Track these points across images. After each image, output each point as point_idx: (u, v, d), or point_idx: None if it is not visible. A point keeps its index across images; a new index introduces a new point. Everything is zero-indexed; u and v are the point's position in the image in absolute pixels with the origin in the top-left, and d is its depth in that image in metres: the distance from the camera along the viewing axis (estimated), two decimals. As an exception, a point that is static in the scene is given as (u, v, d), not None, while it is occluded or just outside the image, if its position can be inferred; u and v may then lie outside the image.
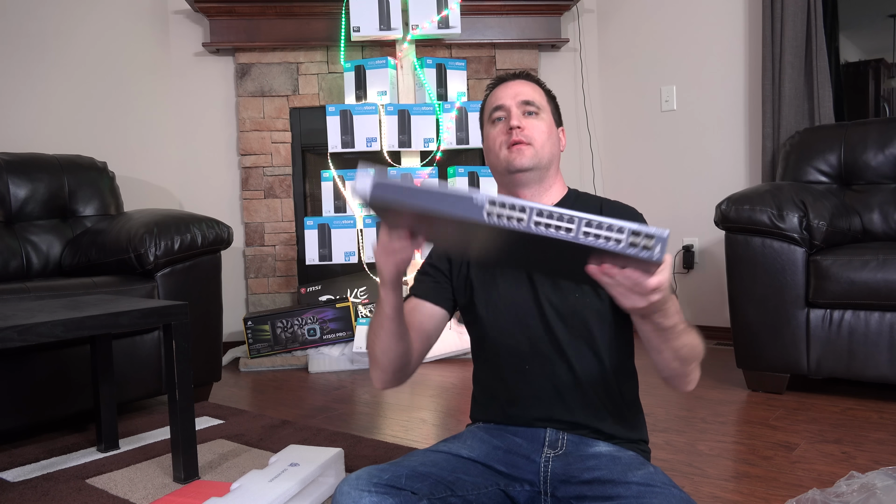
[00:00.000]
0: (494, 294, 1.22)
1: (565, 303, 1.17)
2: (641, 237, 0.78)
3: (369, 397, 2.47)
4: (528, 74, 1.29)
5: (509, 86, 1.26)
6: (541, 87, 1.28)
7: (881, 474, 1.35)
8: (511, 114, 1.22)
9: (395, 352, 1.15)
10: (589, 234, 0.79)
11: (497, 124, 1.24)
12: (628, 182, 3.57)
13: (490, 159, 1.26)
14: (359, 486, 1.00)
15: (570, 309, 1.17)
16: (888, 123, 2.55)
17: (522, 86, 1.25)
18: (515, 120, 1.21)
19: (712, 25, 3.22)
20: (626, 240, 0.78)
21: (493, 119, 1.25)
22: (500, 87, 1.27)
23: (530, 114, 1.23)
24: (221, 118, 3.40)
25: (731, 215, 2.27)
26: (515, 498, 1.14)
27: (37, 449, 1.95)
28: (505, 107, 1.23)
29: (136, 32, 3.22)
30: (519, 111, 1.22)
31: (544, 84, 1.31)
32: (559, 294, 1.18)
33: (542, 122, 1.23)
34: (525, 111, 1.22)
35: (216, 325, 2.43)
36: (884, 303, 2.07)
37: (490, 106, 1.27)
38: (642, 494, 1.02)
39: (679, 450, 1.80)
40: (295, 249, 3.38)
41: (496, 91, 1.27)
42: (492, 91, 1.29)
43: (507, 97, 1.24)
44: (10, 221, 2.45)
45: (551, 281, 1.19)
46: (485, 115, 1.29)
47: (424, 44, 3.34)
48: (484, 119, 1.30)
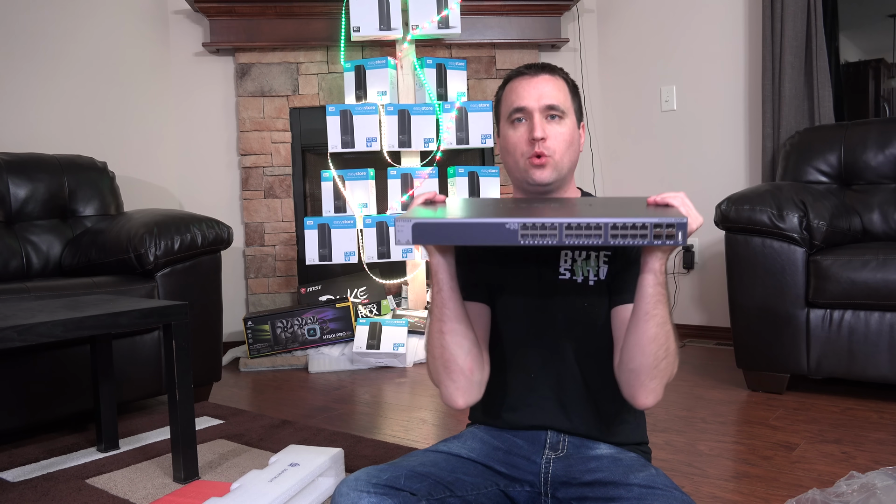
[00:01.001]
0: (504, 302, 1.20)
1: (575, 313, 1.16)
2: (664, 228, 0.88)
3: (369, 397, 2.47)
4: (551, 67, 1.20)
5: (533, 83, 1.16)
6: (565, 81, 1.20)
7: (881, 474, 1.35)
8: (534, 121, 1.14)
9: (467, 343, 1.10)
10: (616, 237, 0.88)
11: (517, 127, 1.17)
12: (628, 182, 3.57)
13: (507, 161, 1.20)
14: (357, 487, 1.00)
15: (579, 319, 1.16)
16: (888, 123, 2.55)
17: (546, 84, 1.17)
18: (539, 130, 1.13)
19: (712, 25, 3.22)
20: (651, 234, 0.88)
21: (512, 120, 1.18)
22: (523, 83, 1.17)
23: (553, 117, 1.16)
24: (221, 118, 3.40)
25: (731, 215, 2.27)
26: (515, 498, 1.13)
27: (37, 449, 1.95)
28: (527, 110, 1.15)
29: (136, 32, 3.22)
30: (542, 115, 1.15)
31: (567, 76, 1.22)
32: (570, 305, 1.16)
33: (565, 127, 1.16)
34: (548, 115, 1.16)
35: (216, 325, 2.43)
36: (884, 303, 2.07)
37: (510, 104, 1.18)
38: (644, 496, 1.02)
39: (679, 450, 1.80)
40: (295, 249, 3.38)
41: (517, 86, 1.18)
42: (511, 84, 1.19)
43: (530, 98, 1.15)
44: (10, 221, 2.45)
45: (561, 292, 1.16)
46: (502, 111, 1.21)
47: (424, 44, 3.34)
48: (501, 115, 1.21)
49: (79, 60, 2.97)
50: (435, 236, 0.94)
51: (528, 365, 1.18)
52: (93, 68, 3.03)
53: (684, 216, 0.88)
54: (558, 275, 1.17)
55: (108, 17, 3.10)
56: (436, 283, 1.09)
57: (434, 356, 1.12)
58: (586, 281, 1.16)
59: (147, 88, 3.27)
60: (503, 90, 1.22)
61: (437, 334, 1.10)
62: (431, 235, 0.93)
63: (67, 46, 2.93)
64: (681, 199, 1.00)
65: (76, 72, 2.96)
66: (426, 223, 0.93)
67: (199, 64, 3.38)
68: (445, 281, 1.08)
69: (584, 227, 0.88)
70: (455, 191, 3.13)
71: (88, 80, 3.01)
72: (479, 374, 1.12)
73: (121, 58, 3.15)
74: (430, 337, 1.12)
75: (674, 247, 0.91)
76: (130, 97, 3.19)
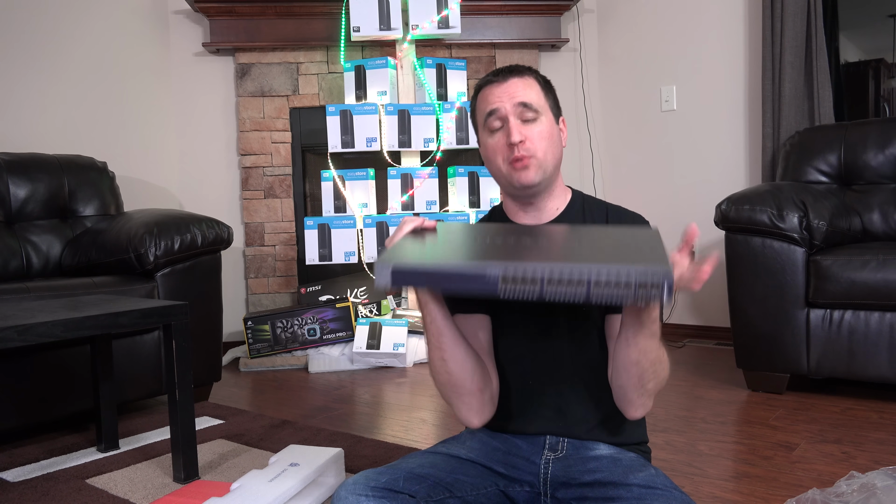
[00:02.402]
0: (503, 309, 1.18)
1: (574, 318, 1.15)
2: (648, 288, 0.83)
3: (369, 397, 2.47)
4: (519, 69, 1.18)
5: (502, 86, 1.15)
6: (535, 79, 1.18)
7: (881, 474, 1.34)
8: (510, 125, 1.12)
9: (470, 365, 1.09)
10: (600, 291, 0.84)
11: (495, 134, 1.15)
12: (628, 182, 3.57)
13: (491, 169, 1.18)
14: (356, 491, 1.00)
15: (579, 325, 1.15)
16: (888, 123, 2.55)
17: (516, 84, 1.15)
18: (516, 134, 1.11)
19: (712, 25, 3.22)
20: (634, 294, 0.84)
21: (489, 127, 1.16)
22: (492, 87, 1.16)
23: (529, 120, 1.14)
24: (221, 118, 3.40)
25: (731, 215, 2.27)
26: (515, 499, 1.13)
27: (37, 449, 1.95)
28: (500, 112, 1.14)
29: (136, 32, 3.22)
30: (517, 119, 1.13)
31: (537, 73, 1.20)
32: (569, 310, 1.15)
33: (542, 125, 1.14)
34: (523, 118, 1.13)
35: (216, 325, 2.43)
36: (884, 303, 2.07)
37: (483, 110, 1.16)
38: (643, 497, 1.02)
39: (679, 450, 1.80)
40: (295, 249, 3.38)
41: (488, 92, 1.16)
42: (482, 91, 1.18)
43: (501, 98, 1.14)
44: (10, 221, 2.45)
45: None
46: (478, 118, 1.19)
47: (424, 44, 3.34)
48: (478, 123, 1.19)
49: (79, 60, 2.97)
50: (414, 281, 0.91)
51: (527, 372, 1.17)
52: (93, 68, 3.03)
53: (668, 275, 0.82)
54: None
55: (108, 17, 3.10)
56: (427, 314, 1.07)
57: (441, 383, 1.12)
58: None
59: (147, 88, 3.27)
60: (475, 99, 1.20)
61: (440, 362, 1.09)
62: (410, 281, 0.91)
63: (67, 46, 2.93)
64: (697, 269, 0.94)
65: (76, 72, 2.96)
66: (405, 270, 0.90)
67: (199, 64, 3.38)
68: (436, 311, 1.07)
69: (567, 281, 0.85)
70: (455, 191, 3.13)
71: (88, 81, 3.01)
72: (488, 390, 1.13)
73: (121, 58, 3.15)
74: (433, 365, 1.11)
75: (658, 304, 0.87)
76: (130, 97, 3.19)
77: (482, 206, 3.11)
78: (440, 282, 0.90)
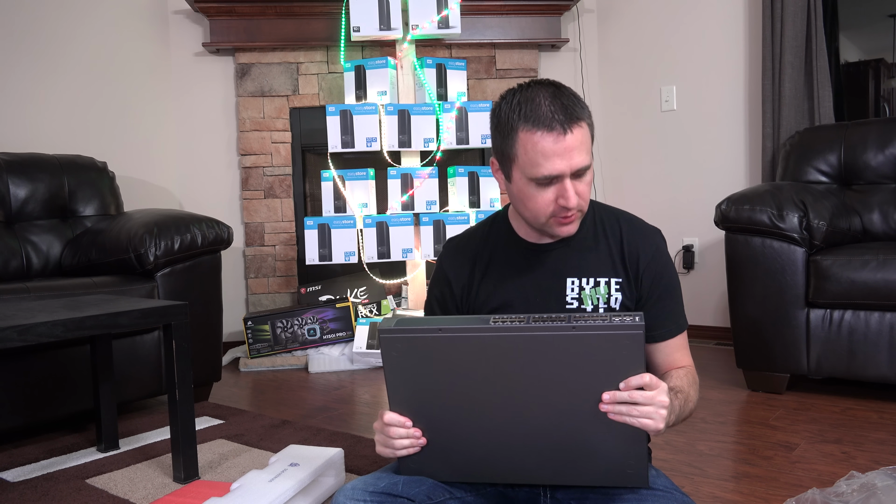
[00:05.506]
0: None
1: None
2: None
3: (369, 397, 2.47)
4: (573, 113, 1.04)
5: (564, 146, 1.03)
6: (588, 124, 1.07)
7: (881, 474, 1.34)
8: (567, 190, 1.05)
9: None
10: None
11: (543, 189, 1.06)
12: (628, 182, 3.57)
13: (524, 212, 1.12)
14: (354, 497, 1.00)
15: None
16: (888, 123, 2.55)
17: (575, 140, 1.03)
18: (574, 199, 1.05)
19: (712, 26, 3.22)
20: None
21: (540, 182, 1.06)
22: (548, 140, 1.03)
23: (580, 176, 1.07)
24: (221, 118, 3.40)
25: (731, 215, 2.27)
26: (514, 499, 1.13)
27: (37, 449, 1.95)
28: (560, 178, 1.05)
29: (136, 32, 3.22)
30: (572, 180, 1.06)
31: (586, 111, 1.07)
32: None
33: (589, 176, 1.09)
34: (577, 175, 1.07)
35: (216, 325, 2.43)
36: (884, 303, 2.07)
37: (535, 165, 1.04)
38: (644, 498, 1.02)
39: (679, 450, 1.80)
40: (295, 249, 3.38)
41: (545, 147, 1.03)
42: (535, 136, 1.04)
43: (562, 165, 1.04)
44: (10, 221, 2.45)
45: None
46: (521, 163, 1.06)
47: (424, 44, 3.34)
48: (517, 165, 1.07)
49: (79, 60, 2.97)
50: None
51: None
52: (93, 68, 3.03)
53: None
54: (565, 304, 1.16)
55: (108, 17, 3.10)
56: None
57: None
58: (596, 310, 1.15)
59: (147, 88, 3.27)
60: (519, 134, 1.05)
61: None
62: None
63: (67, 46, 2.93)
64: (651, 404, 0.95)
65: (76, 72, 2.96)
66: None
67: (199, 64, 3.38)
68: None
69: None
70: (455, 191, 3.13)
71: (88, 80, 3.01)
72: None
73: (121, 58, 3.15)
74: None
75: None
76: (130, 97, 3.19)
77: (482, 206, 3.11)
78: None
